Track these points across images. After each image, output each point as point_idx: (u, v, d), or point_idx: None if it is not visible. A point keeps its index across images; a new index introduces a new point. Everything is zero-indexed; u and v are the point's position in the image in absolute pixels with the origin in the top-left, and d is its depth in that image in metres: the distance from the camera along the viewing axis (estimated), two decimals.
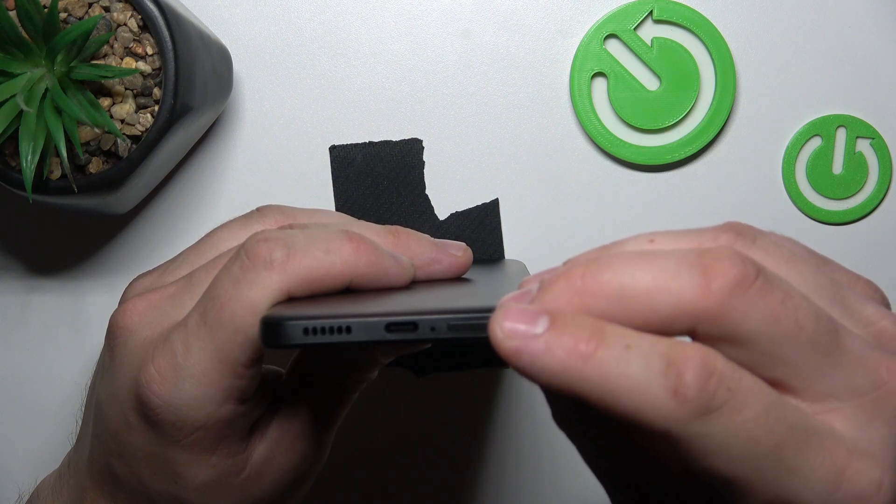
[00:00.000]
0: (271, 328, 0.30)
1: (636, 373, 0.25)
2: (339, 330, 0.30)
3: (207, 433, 0.35)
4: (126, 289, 0.39)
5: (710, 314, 0.26)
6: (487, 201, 0.49)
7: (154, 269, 0.40)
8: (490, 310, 0.29)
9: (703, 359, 0.25)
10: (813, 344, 0.26)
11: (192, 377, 0.33)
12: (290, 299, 0.33)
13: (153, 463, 0.36)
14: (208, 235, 0.39)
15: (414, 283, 0.36)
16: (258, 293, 0.33)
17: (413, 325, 0.30)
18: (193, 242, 0.40)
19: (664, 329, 0.26)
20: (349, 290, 0.34)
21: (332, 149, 0.49)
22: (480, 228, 0.49)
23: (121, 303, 0.38)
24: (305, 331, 0.30)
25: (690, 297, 0.25)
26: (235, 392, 0.34)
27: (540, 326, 0.25)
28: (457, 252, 0.38)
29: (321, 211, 0.40)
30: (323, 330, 0.30)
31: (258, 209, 0.40)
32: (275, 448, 0.37)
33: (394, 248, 0.36)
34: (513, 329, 0.25)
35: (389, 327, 0.30)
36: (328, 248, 0.34)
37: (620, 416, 0.25)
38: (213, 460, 0.35)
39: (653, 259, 0.26)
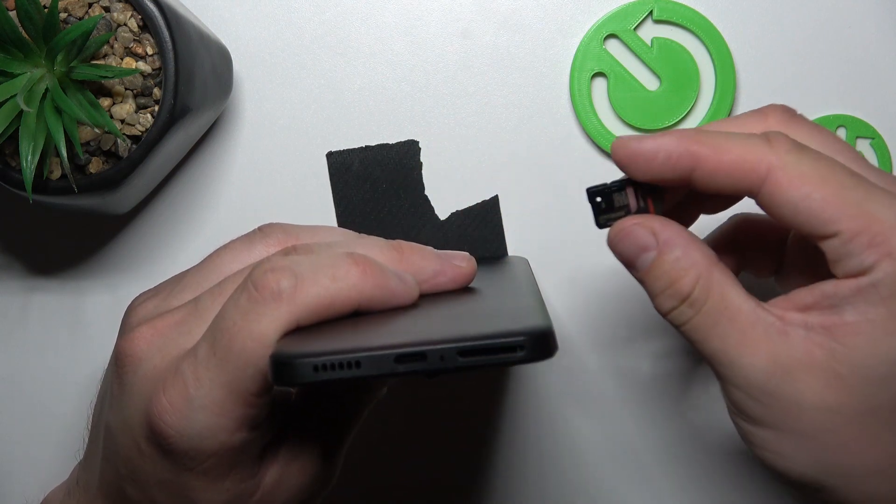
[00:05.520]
0: (281, 367, 0.30)
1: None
2: (350, 365, 0.30)
3: (220, 460, 0.35)
4: (127, 311, 0.39)
5: None
6: (487, 198, 0.49)
7: (156, 291, 0.39)
8: (498, 335, 0.30)
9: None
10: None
11: (204, 408, 0.34)
12: (298, 329, 0.33)
13: (167, 489, 0.36)
14: (210, 257, 0.39)
15: (421, 297, 0.36)
16: (268, 325, 0.33)
17: (423, 356, 0.30)
18: (194, 258, 0.40)
19: None
20: (356, 313, 0.34)
21: (329, 155, 0.49)
22: (482, 226, 0.49)
23: (126, 330, 0.37)
24: (316, 368, 0.30)
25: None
26: (247, 420, 0.34)
27: None
28: (461, 263, 0.38)
29: (324, 228, 0.40)
30: (333, 366, 0.30)
31: (260, 228, 0.40)
32: (286, 470, 0.37)
33: (398, 264, 0.36)
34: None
35: (399, 359, 0.30)
36: (335, 275, 0.34)
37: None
38: (226, 485, 0.35)
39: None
